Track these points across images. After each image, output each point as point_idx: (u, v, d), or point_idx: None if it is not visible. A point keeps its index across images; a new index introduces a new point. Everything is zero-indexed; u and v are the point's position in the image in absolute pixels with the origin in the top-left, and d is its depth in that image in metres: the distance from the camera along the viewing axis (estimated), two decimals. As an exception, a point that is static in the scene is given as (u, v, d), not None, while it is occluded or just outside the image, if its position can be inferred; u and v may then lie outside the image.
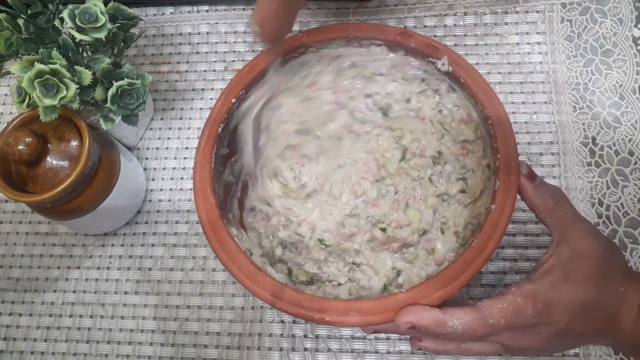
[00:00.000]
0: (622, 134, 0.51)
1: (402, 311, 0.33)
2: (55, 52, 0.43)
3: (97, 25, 0.44)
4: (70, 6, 0.44)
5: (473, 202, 0.42)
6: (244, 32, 0.59)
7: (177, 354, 0.49)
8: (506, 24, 0.56)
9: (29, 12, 0.46)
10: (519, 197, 0.37)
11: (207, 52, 0.59)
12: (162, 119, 0.57)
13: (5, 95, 0.61)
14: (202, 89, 0.58)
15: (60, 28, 0.45)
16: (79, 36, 0.44)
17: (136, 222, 0.53)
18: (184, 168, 0.55)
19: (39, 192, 0.44)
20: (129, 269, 0.52)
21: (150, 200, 0.54)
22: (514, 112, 0.53)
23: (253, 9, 0.37)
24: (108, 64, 0.46)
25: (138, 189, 0.53)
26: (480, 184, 0.42)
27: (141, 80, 0.47)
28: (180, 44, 0.60)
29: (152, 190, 0.54)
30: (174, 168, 0.55)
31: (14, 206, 0.55)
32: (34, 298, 0.52)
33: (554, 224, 0.36)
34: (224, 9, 0.60)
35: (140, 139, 0.56)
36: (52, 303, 0.52)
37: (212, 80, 0.58)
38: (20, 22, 0.46)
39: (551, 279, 0.34)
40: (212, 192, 0.39)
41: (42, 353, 0.50)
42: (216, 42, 0.59)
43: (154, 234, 0.53)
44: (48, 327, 0.51)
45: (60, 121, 0.45)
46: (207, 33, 0.60)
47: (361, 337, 0.48)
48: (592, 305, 0.33)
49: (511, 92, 0.54)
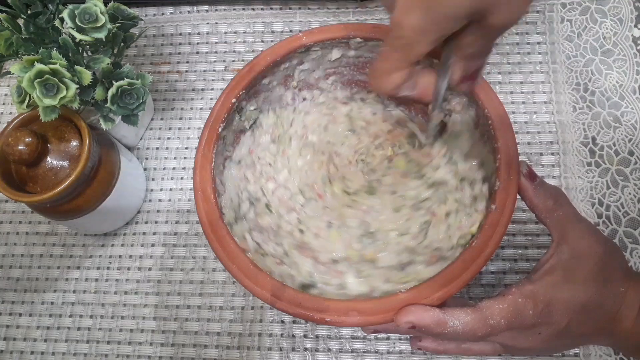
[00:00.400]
0: (622, 134, 0.51)
1: (402, 311, 0.33)
2: (55, 52, 0.43)
3: (97, 25, 0.44)
4: (70, 6, 0.44)
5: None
6: (244, 32, 0.59)
7: (177, 354, 0.49)
8: (506, 24, 0.56)
9: (29, 12, 0.46)
10: (519, 197, 0.37)
11: (207, 52, 0.59)
12: (162, 119, 0.57)
13: (5, 95, 0.61)
14: (202, 89, 0.58)
15: (60, 28, 0.45)
16: (79, 36, 0.44)
17: (136, 222, 0.53)
18: (184, 168, 0.55)
19: (39, 192, 0.44)
20: (129, 269, 0.52)
21: (150, 200, 0.54)
22: (514, 112, 0.53)
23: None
24: (108, 64, 0.46)
25: (138, 189, 0.53)
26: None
27: (141, 80, 0.47)
28: (180, 44, 0.60)
29: (152, 190, 0.54)
30: (174, 168, 0.55)
31: (14, 206, 0.55)
32: (34, 298, 0.52)
33: (554, 224, 0.36)
34: (224, 9, 0.60)
35: (140, 139, 0.56)
36: (52, 303, 0.52)
37: (212, 80, 0.58)
38: (20, 22, 0.46)
39: (551, 279, 0.34)
40: (212, 192, 0.39)
41: (42, 353, 0.50)
42: (216, 42, 0.59)
43: (154, 234, 0.53)
44: (48, 327, 0.51)
45: (60, 121, 0.45)
46: (207, 33, 0.60)
47: (361, 337, 0.48)
48: (592, 305, 0.33)
49: (511, 92, 0.54)
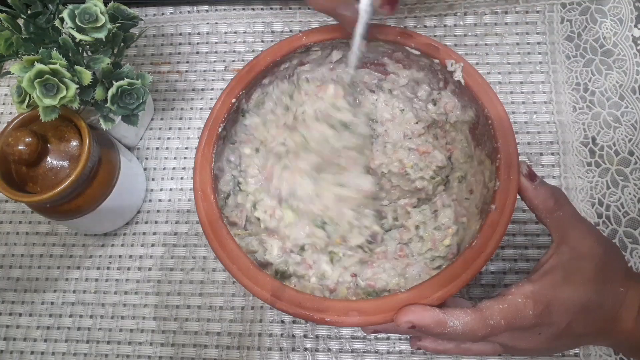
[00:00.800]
0: (622, 134, 0.51)
1: (402, 311, 0.33)
2: (55, 52, 0.43)
3: (97, 25, 0.44)
4: (70, 6, 0.44)
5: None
6: (244, 32, 0.59)
7: (177, 354, 0.49)
8: (506, 24, 0.56)
9: (29, 12, 0.46)
10: (519, 197, 0.37)
11: (207, 52, 0.59)
12: (162, 119, 0.57)
13: (5, 95, 0.61)
14: (202, 89, 0.58)
15: (60, 28, 0.45)
16: (79, 36, 0.44)
17: (136, 222, 0.53)
18: (184, 168, 0.55)
19: (39, 192, 0.44)
20: (129, 269, 0.52)
21: (150, 200, 0.54)
22: (514, 112, 0.53)
23: None
24: (108, 64, 0.46)
25: (138, 189, 0.53)
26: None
27: (141, 80, 0.47)
28: (180, 44, 0.60)
29: (152, 190, 0.54)
30: (174, 168, 0.55)
31: (14, 206, 0.55)
32: (34, 298, 0.52)
33: (554, 225, 0.36)
34: (224, 9, 0.60)
35: (140, 139, 0.56)
36: (52, 303, 0.52)
37: (212, 80, 0.58)
38: (20, 22, 0.46)
39: (551, 279, 0.34)
40: (212, 192, 0.39)
41: (42, 353, 0.50)
42: (216, 42, 0.59)
43: (154, 234, 0.53)
44: (48, 327, 0.51)
45: (60, 121, 0.45)
46: (207, 33, 0.60)
47: (361, 337, 0.48)
48: (592, 306, 0.33)
49: (511, 92, 0.54)
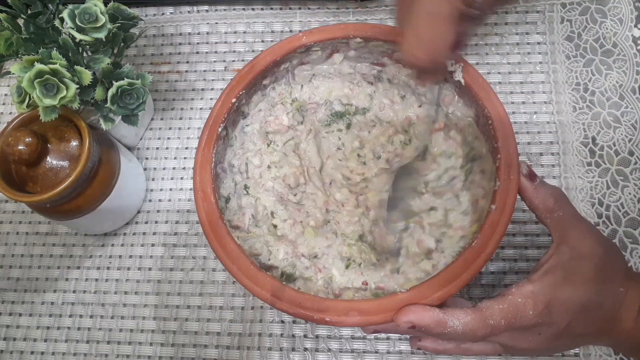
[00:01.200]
0: (622, 134, 0.51)
1: (402, 311, 0.33)
2: (55, 52, 0.43)
3: (97, 25, 0.44)
4: (70, 6, 0.44)
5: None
6: (244, 32, 0.59)
7: (177, 354, 0.49)
8: (506, 24, 0.56)
9: (29, 12, 0.46)
10: (519, 197, 0.37)
11: (207, 52, 0.59)
12: (162, 119, 0.57)
13: (5, 95, 0.61)
14: (202, 89, 0.58)
15: (60, 28, 0.45)
16: (79, 36, 0.44)
17: (136, 222, 0.53)
18: (184, 168, 0.55)
19: (39, 192, 0.44)
20: (129, 269, 0.52)
21: (150, 200, 0.54)
22: (514, 112, 0.53)
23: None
24: (108, 64, 0.46)
25: (138, 189, 0.53)
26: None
27: (141, 80, 0.47)
28: (180, 44, 0.60)
29: (152, 190, 0.54)
30: (174, 168, 0.55)
31: (14, 206, 0.55)
32: (34, 298, 0.52)
33: (554, 225, 0.36)
34: (224, 9, 0.60)
35: (140, 139, 0.56)
36: (52, 303, 0.52)
37: (212, 80, 0.58)
38: (20, 22, 0.46)
39: (551, 279, 0.34)
40: (212, 192, 0.39)
41: (42, 353, 0.50)
42: (216, 42, 0.59)
43: (154, 234, 0.53)
44: (48, 327, 0.51)
45: (60, 121, 0.45)
46: (207, 33, 0.60)
47: (361, 337, 0.48)
48: (592, 306, 0.33)
49: (511, 92, 0.54)
